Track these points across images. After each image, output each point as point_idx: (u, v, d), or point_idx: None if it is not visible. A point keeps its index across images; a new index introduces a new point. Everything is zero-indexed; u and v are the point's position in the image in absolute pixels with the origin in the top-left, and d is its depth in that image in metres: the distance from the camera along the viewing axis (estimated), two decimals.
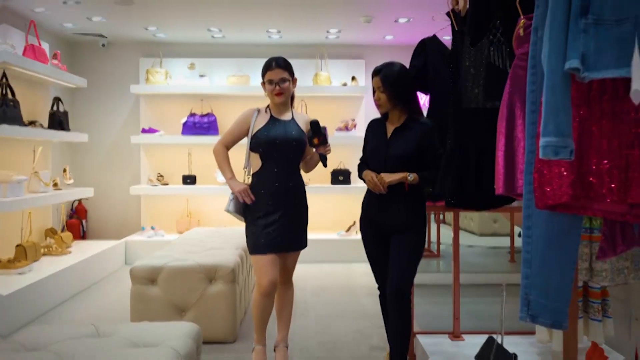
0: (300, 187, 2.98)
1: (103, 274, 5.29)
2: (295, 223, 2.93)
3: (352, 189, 6.28)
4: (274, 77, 2.88)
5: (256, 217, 2.89)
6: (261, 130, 2.91)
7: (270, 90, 2.88)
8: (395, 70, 2.74)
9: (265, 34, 6.05)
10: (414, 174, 2.70)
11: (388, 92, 2.72)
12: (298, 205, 2.95)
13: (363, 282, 5.08)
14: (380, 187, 2.72)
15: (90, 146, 6.45)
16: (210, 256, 3.62)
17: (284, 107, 2.98)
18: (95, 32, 5.99)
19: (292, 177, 2.93)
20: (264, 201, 2.88)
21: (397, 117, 2.81)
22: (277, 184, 2.88)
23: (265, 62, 2.92)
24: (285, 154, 2.90)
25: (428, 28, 5.77)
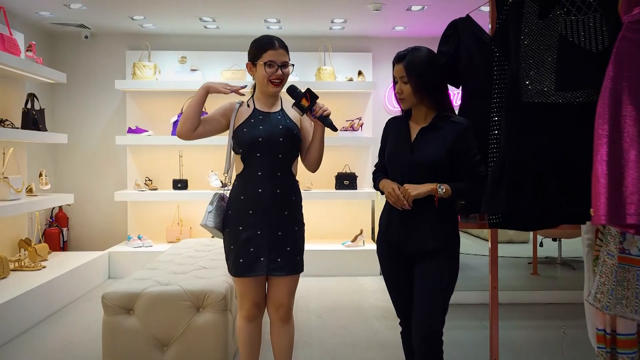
0: (291, 196, 2.42)
1: (82, 291, 4.75)
2: (283, 240, 2.37)
3: (359, 195, 5.75)
4: (277, 58, 2.35)
5: (236, 230, 2.37)
6: (241, 127, 2.39)
7: (268, 74, 2.34)
8: (423, 56, 2.21)
9: (263, 24, 5.52)
10: (446, 185, 2.17)
11: (413, 82, 2.19)
12: (287, 219, 2.39)
13: (373, 299, 4.54)
14: (403, 202, 2.18)
15: (72, 147, 5.91)
16: (199, 278, 3.07)
17: (273, 97, 2.45)
18: (75, 22, 5.44)
19: (280, 183, 2.37)
20: (244, 210, 2.36)
21: (424, 115, 2.28)
22: (260, 189, 2.35)
23: (261, 38, 2.40)
24: (271, 154, 2.36)
25: (444, 18, 5.24)
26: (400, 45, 6.12)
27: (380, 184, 2.37)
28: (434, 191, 2.17)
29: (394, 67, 2.28)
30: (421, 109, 2.28)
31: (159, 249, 5.37)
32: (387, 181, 2.31)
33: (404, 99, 2.26)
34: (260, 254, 2.35)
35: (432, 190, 2.17)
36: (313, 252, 5.37)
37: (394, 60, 2.28)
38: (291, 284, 2.43)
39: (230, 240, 2.40)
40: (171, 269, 3.29)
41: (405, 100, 2.26)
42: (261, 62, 2.34)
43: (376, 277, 5.33)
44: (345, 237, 5.80)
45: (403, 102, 2.28)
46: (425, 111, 2.28)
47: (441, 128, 2.22)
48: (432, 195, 2.18)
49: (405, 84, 2.23)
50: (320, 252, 5.43)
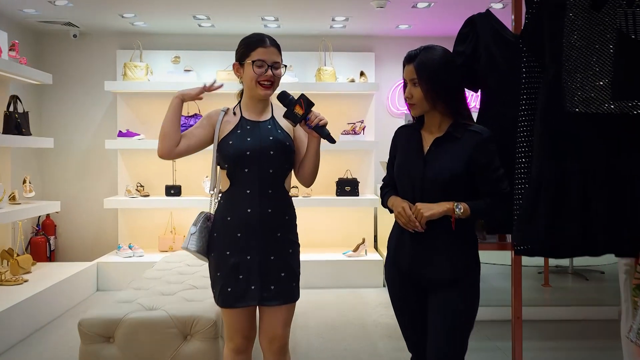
0: (285, 215, 2.15)
1: (67, 306, 4.46)
2: (277, 265, 2.10)
3: (361, 201, 5.47)
4: (267, 57, 2.07)
5: (223, 255, 2.10)
6: (226, 140, 2.11)
7: (257, 74, 2.07)
8: (437, 56, 1.94)
9: (260, 22, 5.24)
10: (464, 204, 1.90)
11: (425, 86, 1.92)
12: (281, 241, 2.12)
13: (377, 315, 4.26)
14: (416, 224, 1.91)
15: (60, 152, 5.63)
16: (188, 301, 2.80)
17: (262, 103, 2.17)
18: (62, 20, 5.16)
19: (272, 201, 2.10)
20: (231, 233, 2.09)
21: (438, 123, 2.00)
22: (249, 209, 2.08)
23: (250, 36, 2.14)
24: (261, 170, 2.09)
25: (451, 15, 4.97)
26: (405, 44, 5.91)
27: (389, 201, 2.09)
28: (451, 211, 1.89)
29: (404, 68, 2.01)
30: (434, 116, 2.00)
31: (150, 259, 5.09)
32: (397, 199, 2.04)
33: (414, 105, 1.99)
34: (251, 281, 2.07)
35: (448, 210, 1.90)
36: (312, 263, 5.10)
37: (404, 61, 2.01)
38: (286, 314, 2.15)
39: (216, 266, 2.13)
40: (158, 289, 3.01)
41: (415, 106, 1.99)
42: (249, 61, 2.07)
43: (379, 289, 5.05)
44: (347, 247, 5.52)
45: (413, 108, 2.00)
46: (440, 119, 2.00)
47: (458, 138, 1.95)
48: (448, 216, 1.91)
49: (415, 87, 1.96)
50: (320, 263, 5.15)
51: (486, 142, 1.92)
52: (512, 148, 1.99)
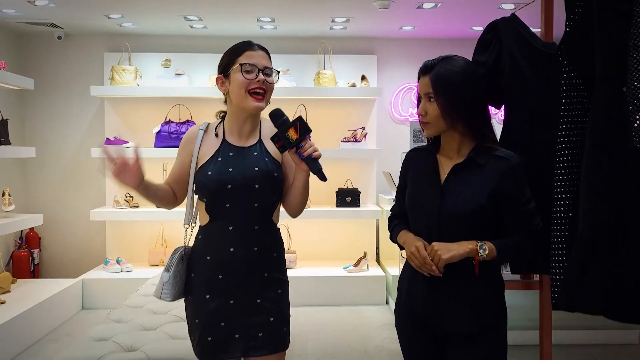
0: (272, 252, 1.86)
1: (49, 327, 4.16)
2: (264, 309, 1.81)
3: (362, 213, 5.17)
4: (257, 61, 1.79)
5: (202, 298, 1.81)
6: (204, 169, 1.81)
7: (247, 81, 1.77)
8: (458, 68, 1.66)
9: (255, 23, 4.94)
10: (489, 244, 1.61)
11: (442, 102, 1.64)
12: (268, 281, 1.83)
13: (379, 340, 3.97)
14: (432, 268, 1.62)
15: (43, 161, 5.32)
16: (172, 338, 2.51)
17: (249, 124, 1.87)
18: (45, 21, 4.85)
19: (258, 238, 1.81)
20: (211, 274, 1.80)
21: (457, 146, 1.72)
22: (232, 248, 1.78)
23: (235, 44, 1.85)
24: (245, 204, 1.79)
25: (458, 17, 4.68)
26: (408, 46, 5.62)
27: (400, 237, 1.80)
28: (474, 252, 1.61)
29: (418, 80, 1.73)
30: (453, 137, 1.71)
31: (139, 275, 4.80)
32: (410, 235, 1.74)
33: (429, 123, 1.70)
34: (234, 329, 1.79)
35: (470, 252, 1.61)
36: (310, 278, 4.81)
37: (419, 72, 1.72)
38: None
39: (193, 311, 1.84)
40: (140, 322, 2.71)
41: (430, 125, 1.70)
42: (236, 67, 1.78)
43: (382, 307, 4.76)
44: (347, 261, 5.23)
45: (428, 127, 1.71)
46: (459, 141, 1.71)
47: (481, 165, 1.66)
48: (470, 258, 1.62)
49: (431, 102, 1.67)
50: (319, 279, 4.86)
51: (515, 170, 1.64)
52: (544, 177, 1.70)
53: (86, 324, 4.30)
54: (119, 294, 4.51)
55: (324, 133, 5.35)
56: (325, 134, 5.35)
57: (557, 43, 1.93)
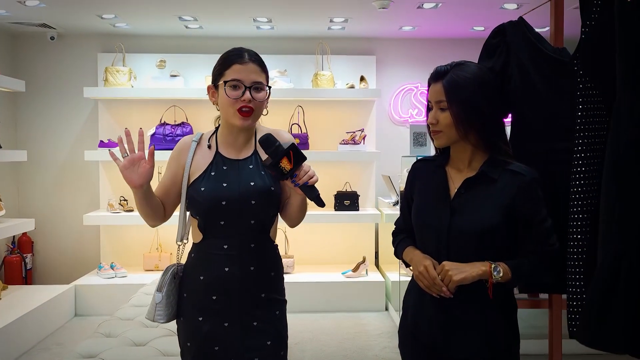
0: (270, 271, 1.75)
1: (41, 335, 4.06)
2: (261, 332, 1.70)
3: (361, 217, 5.07)
4: (245, 76, 1.66)
5: (194, 320, 1.70)
6: (196, 185, 1.70)
7: (232, 99, 1.66)
8: (472, 74, 1.56)
9: (252, 24, 4.83)
10: (503, 266, 1.52)
11: (457, 110, 1.54)
12: (265, 302, 1.72)
13: (379, 349, 3.87)
14: (443, 289, 1.53)
15: (36, 165, 5.21)
16: (162, 356, 2.40)
17: (243, 136, 1.76)
18: (37, 22, 4.74)
19: (255, 257, 1.70)
20: (205, 295, 1.69)
21: (468, 159, 1.62)
22: (227, 268, 1.68)
23: (228, 52, 1.72)
24: (241, 222, 1.69)
25: (459, 17, 4.57)
26: (408, 47, 5.50)
27: (406, 254, 1.70)
28: (487, 275, 1.50)
29: (429, 87, 1.63)
30: (464, 149, 1.61)
31: (134, 280, 4.69)
32: (417, 253, 1.64)
33: (439, 133, 1.60)
34: (229, 353, 1.68)
35: (484, 274, 1.50)
36: (308, 284, 4.71)
37: (430, 79, 1.62)
38: None
39: (185, 334, 1.74)
40: (129, 336, 2.61)
41: (441, 135, 1.60)
42: (222, 82, 1.67)
43: (381, 314, 4.66)
44: (346, 266, 5.13)
45: (438, 136, 1.61)
46: (470, 153, 1.61)
47: (494, 180, 1.56)
48: (482, 280, 1.52)
49: (443, 111, 1.57)
50: (316, 284, 4.76)
51: (531, 186, 1.53)
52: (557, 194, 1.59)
53: (78, 332, 4.20)
54: (113, 300, 4.41)
55: (322, 135, 5.25)
56: (324, 136, 5.25)
57: (567, 48, 1.83)
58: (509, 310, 1.60)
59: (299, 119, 5.15)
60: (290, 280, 4.71)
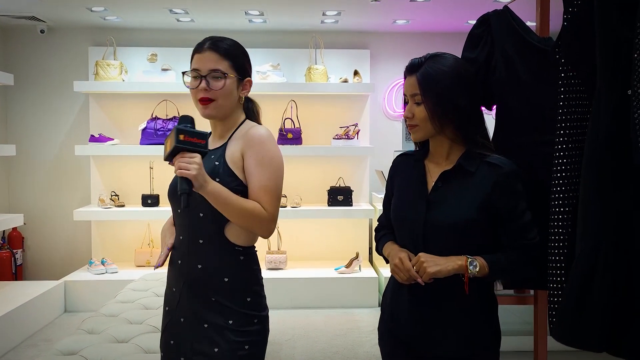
0: (222, 276, 1.59)
1: (31, 330, 4.02)
2: (209, 339, 1.57)
3: (355, 212, 5.03)
4: (201, 65, 1.60)
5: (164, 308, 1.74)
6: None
7: (192, 89, 1.63)
8: (447, 66, 1.51)
9: (244, 17, 4.77)
10: (480, 260, 1.47)
11: (431, 104, 1.50)
12: (217, 309, 1.58)
13: (369, 346, 3.83)
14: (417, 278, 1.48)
15: (25, 159, 5.16)
16: (143, 353, 2.36)
17: (221, 124, 1.68)
18: (26, 14, 4.68)
19: (203, 255, 1.59)
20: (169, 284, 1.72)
21: (446, 152, 1.58)
22: (179, 261, 1.64)
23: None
24: (190, 214, 1.59)
25: (454, 10, 4.51)
26: (402, 41, 5.44)
27: (385, 248, 1.66)
28: (463, 269, 1.46)
29: (405, 79, 1.59)
30: (442, 143, 1.57)
31: (124, 276, 4.65)
32: (394, 247, 1.61)
33: (416, 127, 1.56)
34: (180, 351, 1.63)
35: (460, 268, 1.46)
36: (300, 280, 4.67)
37: (405, 71, 1.59)
38: None
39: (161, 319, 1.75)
40: (112, 333, 2.56)
41: (418, 129, 1.56)
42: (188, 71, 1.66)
43: (374, 310, 4.62)
44: (339, 262, 5.08)
45: (415, 130, 1.57)
46: (448, 146, 1.57)
47: (472, 173, 1.52)
48: (459, 275, 1.48)
49: (418, 105, 1.53)
50: (309, 280, 4.71)
51: (509, 178, 1.49)
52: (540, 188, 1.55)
53: (67, 329, 4.16)
54: (103, 296, 4.36)
55: (315, 130, 5.20)
56: (317, 131, 5.20)
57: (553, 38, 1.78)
58: (488, 307, 1.56)
59: (292, 113, 5.10)
60: (283, 276, 4.67)
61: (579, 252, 1.29)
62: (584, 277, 1.24)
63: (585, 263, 1.25)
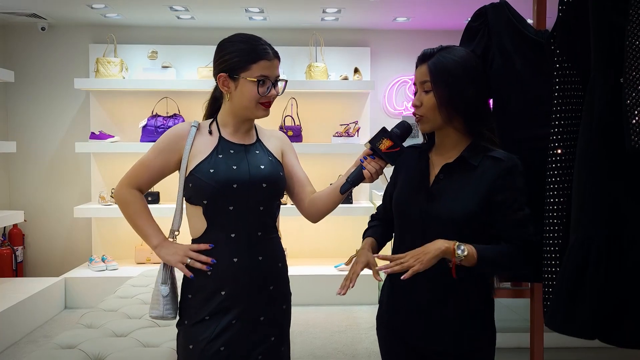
0: (278, 262, 1.71)
1: (31, 326, 4.03)
2: (267, 328, 1.66)
3: (354, 209, 5.03)
4: (271, 72, 1.65)
5: (201, 321, 1.62)
6: (202, 167, 1.64)
7: (259, 94, 1.63)
8: (459, 57, 1.52)
9: (244, 14, 4.78)
10: (470, 248, 1.46)
11: (440, 93, 1.50)
12: (273, 296, 1.68)
13: (368, 342, 3.84)
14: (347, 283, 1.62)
15: (26, 156, 5.17)
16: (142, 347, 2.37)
17: (249, 123, 1.73)
18: (26, 11, 4.69)
19: (263, 246, 1.66)
20: (213, 291, 1.63)
21: (452, 144, 1.58)
22: (235, 259, 1.63)
23: (246, 42, 1.67)
24: (250, 207, 1.64)
25: (455, 7, 4.51)
26: (403, 38, 5.43)
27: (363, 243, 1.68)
28: (450, 253, 1.45)
29: (416, 69, 1.59)
30: (448, 134, 1.58)
31: (124, 273, 4.65)
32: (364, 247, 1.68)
33: (423, 117, 1.56)
34: (236, 352, 1.61)
35: (447, 251, 1.45)
36: (300, 277, 4.66)
37: (417, 61, 1.59)
38: None
39: (187, 337, 1.65)
40: (111, 327, 2.57)
41: (425, 119, 1.56)
42: (250, 78, 1.61)
43: (373, 307, 4.58)
44: (338, 259, 5.09)
45: (422, 121, 1.58)
46: (455, 139, 1.57)
47: (474, 167, 1.52)
48: (446, 262, 1.47)
49: (427, 93, 1.53)
50: (309, 277, 4.72)
51: (510, 172, 1.49)
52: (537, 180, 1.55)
53: (67, 325, 4.16)
54: (103, 293, 4.36)
55: (315, 127, 5.20)
56: (317, 129, 5.20)
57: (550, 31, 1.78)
58: (483, 303, 1.56)
59: (292, 111, 5.10)
60: None
61: (572, 241, 1.29)
62: (578, 267, 1.24)
63: (578, 252, 1.26)
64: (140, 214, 1.71)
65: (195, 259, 1.61)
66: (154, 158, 1.70)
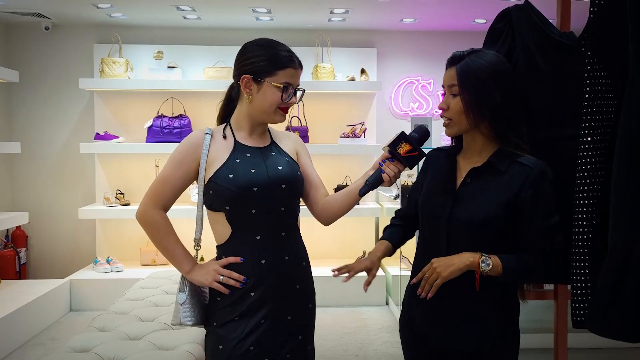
0: (302, 261, 1.74)
1: (37, 329, 4.00)
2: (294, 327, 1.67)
3: (361, 210, 5.01)
4: (295, 82, 1.68)
5: (231, 322, 1.63)
6: (222, 171, 1.64)
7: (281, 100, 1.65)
8: (488, 61, 1.51)
9: (251, 14, 4.75)
10: (495, 259, 1.45)
11: (468, 97, 1.49)
12: (300, 295, 1.71)
13: (379, 343, 3.82)
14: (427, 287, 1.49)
15: (30, 157, 5.13)
16: (158, 350, 2.34)
17: (264, 125, 1.75)
18: (31, 11, 4.66)
19: (287, 246, 1.68)
20: (241, 293, 1.63)
21: (479, 149, 1.56)
22: (263, 260, 1.63)
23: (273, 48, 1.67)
24: (271, 209, 1.65)
25: (463, 8, 4.49)
26: (410, 39, 5.42)
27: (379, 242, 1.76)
28: (475, 266, 1.45)
29: (445, 72, 1.58)
30: (475, 139, 1.56)
31: (130, 275, 4.63)
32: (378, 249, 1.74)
33: (450, 121, 1.55)
34: (264, 352, 1.62)
35: (472, 265, 1.45)
36: None
37: (447, 63, 1.57)
38: None
39: (217, 337, 1.64)
40: (124, 330, 2.54)
41: (452, 123, 1.55)
42: (275, 83, 1.63)
43: (381, 308, 4.61)
44: (346, 260, 5.03)
45: (449, 125, 1.57)
46: (482, 143, 1.56)
47: (502, 172, 1.50)
48: (471, 273, 1.46)
49: (454, 96, 1.52)
50: (316, 279, 4.58)
51: (538, 180, 1.47)
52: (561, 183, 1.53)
53: (73, 327, 4.14)
54: (109, 295, 4.34)
55: (322, 128, 5.18)
56: (324, 129, 5.18)
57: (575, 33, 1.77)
58: (508, 305, 1.55)
59: (299, 111, 5.08)
60: None
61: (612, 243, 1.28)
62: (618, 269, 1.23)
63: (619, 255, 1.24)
64: (169, 237, 1.70)
65: (227, 276, 1.62)
66: (174, 171, 1.68)
